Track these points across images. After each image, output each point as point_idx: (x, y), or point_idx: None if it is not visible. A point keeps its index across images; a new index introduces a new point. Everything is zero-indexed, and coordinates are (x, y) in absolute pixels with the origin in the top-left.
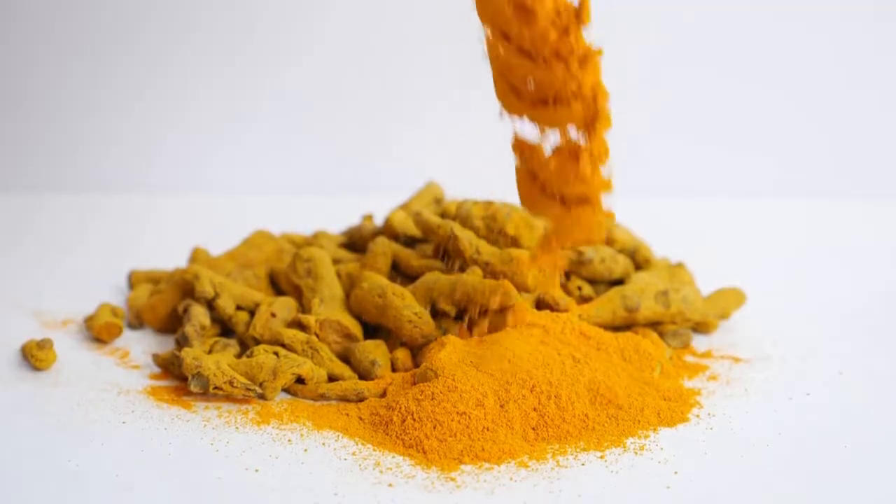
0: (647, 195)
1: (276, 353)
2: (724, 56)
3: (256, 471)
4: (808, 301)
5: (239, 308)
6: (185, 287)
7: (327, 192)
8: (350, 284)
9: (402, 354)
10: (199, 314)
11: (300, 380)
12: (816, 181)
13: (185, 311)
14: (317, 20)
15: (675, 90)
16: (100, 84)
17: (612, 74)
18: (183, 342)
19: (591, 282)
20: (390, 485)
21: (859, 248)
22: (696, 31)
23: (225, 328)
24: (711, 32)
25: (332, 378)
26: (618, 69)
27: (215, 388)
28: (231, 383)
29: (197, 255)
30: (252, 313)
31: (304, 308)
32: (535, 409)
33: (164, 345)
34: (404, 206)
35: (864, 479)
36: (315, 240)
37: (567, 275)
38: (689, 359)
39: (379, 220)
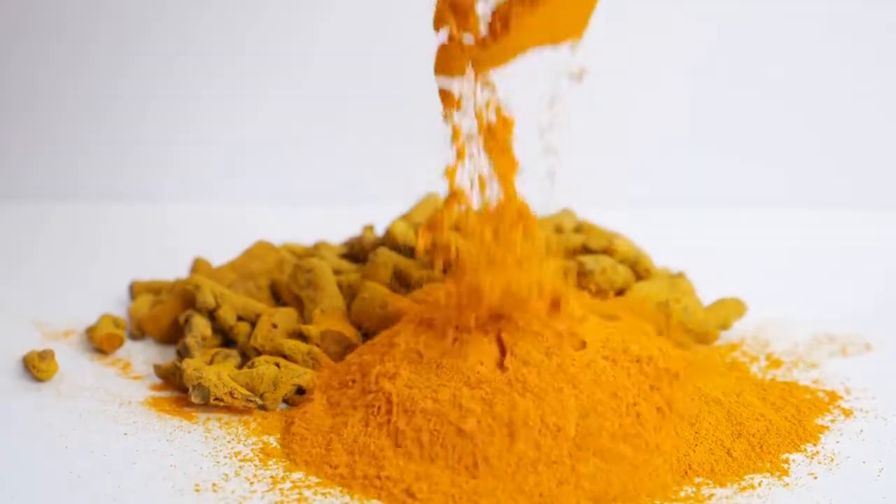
0: (648, 205)
1: (277, 364)
2: (724, 66)
3: (259, 481)
4: (809, 311)
5: (240, 319)
6: (186, 298)
7: (328, 202)
8: (351, 295)
9: None
10: (201, 325)
11: (301, 390)
12: (818, 191)
13: (187, 321)
14: (318, 31)
15: (675, 101)
16: (102, 93)
17: (614, 84)
18: (184, 353)
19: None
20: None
21: (861, 258)
22: (697, 40)
23: (226, 339)
24: (713, 43)
25: None
26: (619, 78)
27: (216, 399)
28: (232, 394)
29: (198, 266)
30: (253, 324)
31: (305, 319)
32: None
33: (166, 355)
34: (405, 217)
35: None
36: (316, 250)
37: None
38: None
39: (380, 231)
